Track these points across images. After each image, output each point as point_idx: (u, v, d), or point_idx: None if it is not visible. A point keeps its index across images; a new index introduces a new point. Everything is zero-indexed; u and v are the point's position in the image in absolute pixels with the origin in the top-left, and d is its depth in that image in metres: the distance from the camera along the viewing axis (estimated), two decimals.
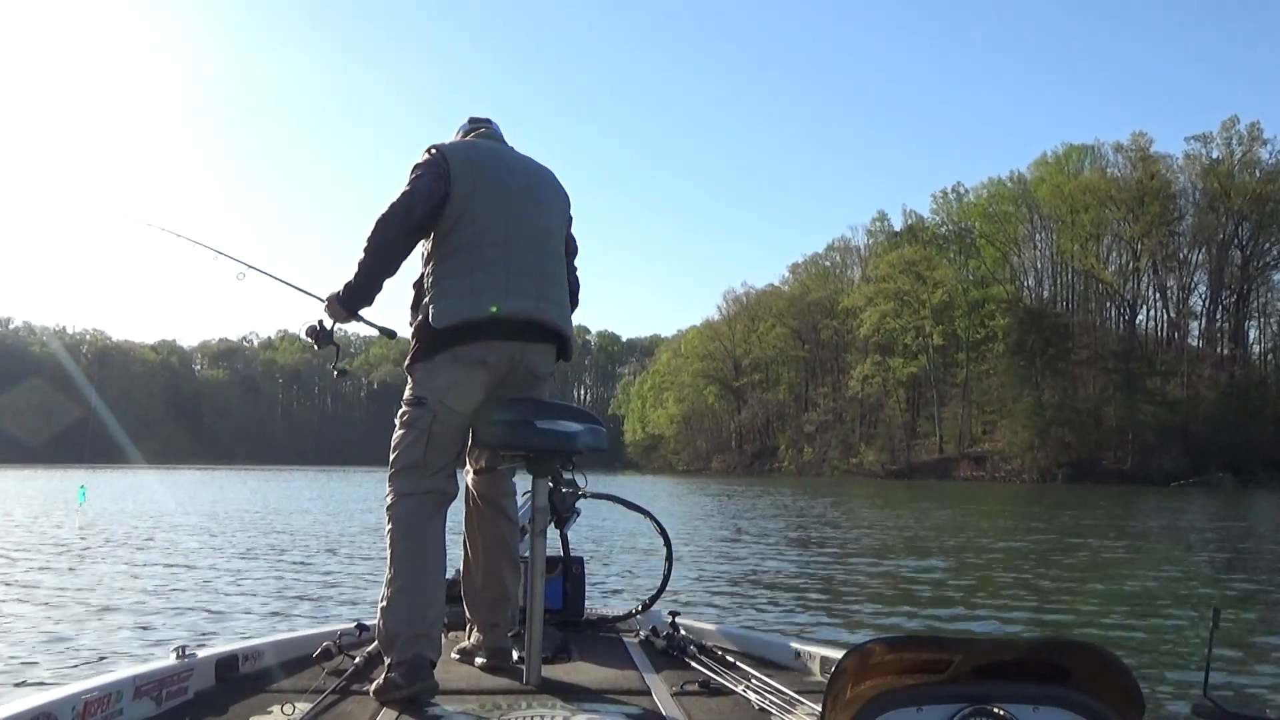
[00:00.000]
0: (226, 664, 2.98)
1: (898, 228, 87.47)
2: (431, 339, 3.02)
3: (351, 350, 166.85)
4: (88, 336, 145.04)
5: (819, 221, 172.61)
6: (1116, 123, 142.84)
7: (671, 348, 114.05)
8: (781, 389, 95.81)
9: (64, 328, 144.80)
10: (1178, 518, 24.21)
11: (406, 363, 3.11)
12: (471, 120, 3.42)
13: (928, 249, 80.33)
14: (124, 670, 2.68)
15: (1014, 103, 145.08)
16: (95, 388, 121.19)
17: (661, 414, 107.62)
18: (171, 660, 2.80)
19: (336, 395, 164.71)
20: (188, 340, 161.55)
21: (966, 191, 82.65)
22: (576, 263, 3.48)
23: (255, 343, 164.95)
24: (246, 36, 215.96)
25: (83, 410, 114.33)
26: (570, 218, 3.44)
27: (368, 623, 3.52)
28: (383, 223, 3.01)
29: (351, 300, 3.12)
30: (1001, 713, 1.55)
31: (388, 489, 3.04)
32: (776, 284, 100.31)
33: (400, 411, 3.08)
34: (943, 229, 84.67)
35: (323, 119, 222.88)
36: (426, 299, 3.05)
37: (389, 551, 2.99)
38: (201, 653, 2.94)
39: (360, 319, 3.23)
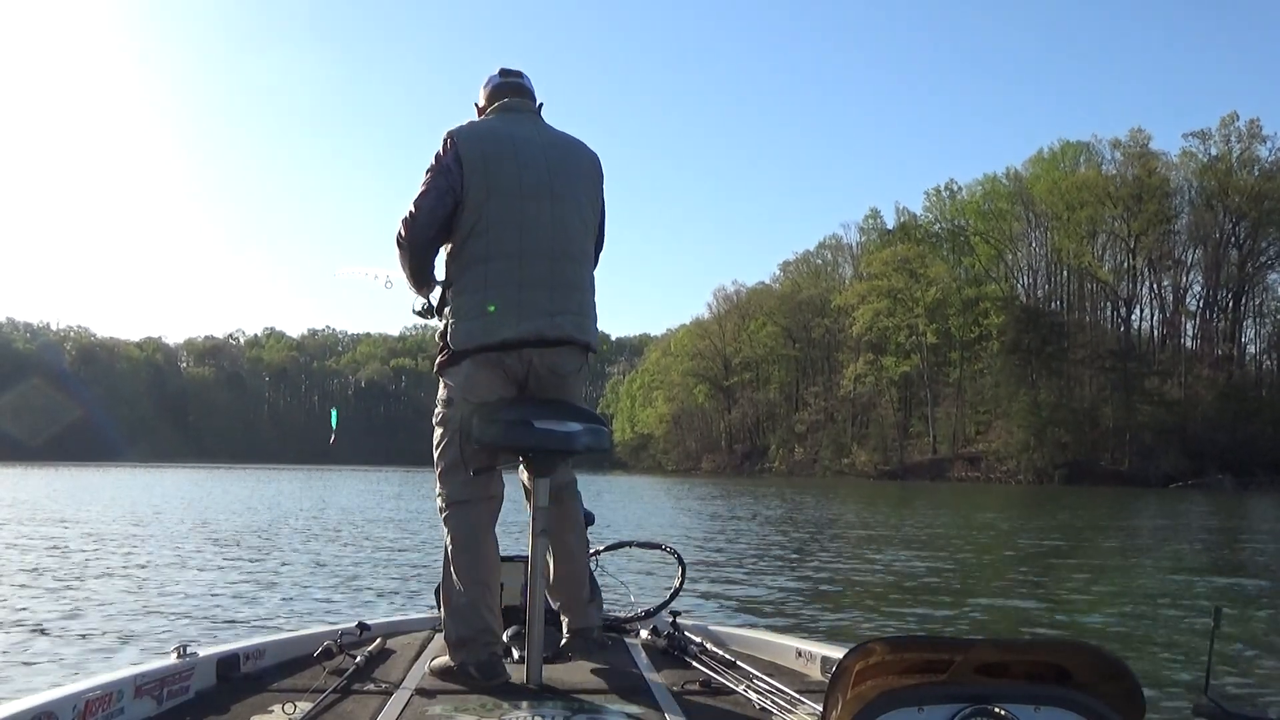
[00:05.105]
0: (228, 663, 2.97)
1: (890, 225, 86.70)
2: (453, 352, 3.12)
3: (340, 349, 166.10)
4: (72, 333, 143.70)
5: (810, 219, 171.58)
6: (1113, 120, 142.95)
7: (661, 346, 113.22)
8: (772, 388, 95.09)
9: (48, 324, 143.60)
10: (1177, 519, 24.37)
11: (435, 369, 3.22)
12: (503, 73, 3.34)
13: (921, 247, 79.60)
14: (125, 669, 2.66)
15: (1008, 101, 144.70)
16: (83, 385, 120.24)
17: (651, 413, 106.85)
18: (172, 659, 2.77)
19: (324, 394, 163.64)
20: (173, 337, 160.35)
21: (960, 189, 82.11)
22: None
23: (241, 340, 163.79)
24: (233, 39, 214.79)
25: (71, 408, 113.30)
26: (601, 201, 3.36)
27: (369, 622, 3.61)
28: (400, 243, 3.17)
29: (417, 289, 3.31)
30: (1002, 713, 1.56)
31: (438, 488, 3.16)
32: (767, 282, 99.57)
33: (435, 413, 3.21)
34: (936, 227, 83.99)
35: (310, 120, 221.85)
36: (448, 312, 3.15)
37: (449, 560, 3.10)
38: (202, 652, 2.91)
39: (436, 283, 3.31)
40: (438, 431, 3.18)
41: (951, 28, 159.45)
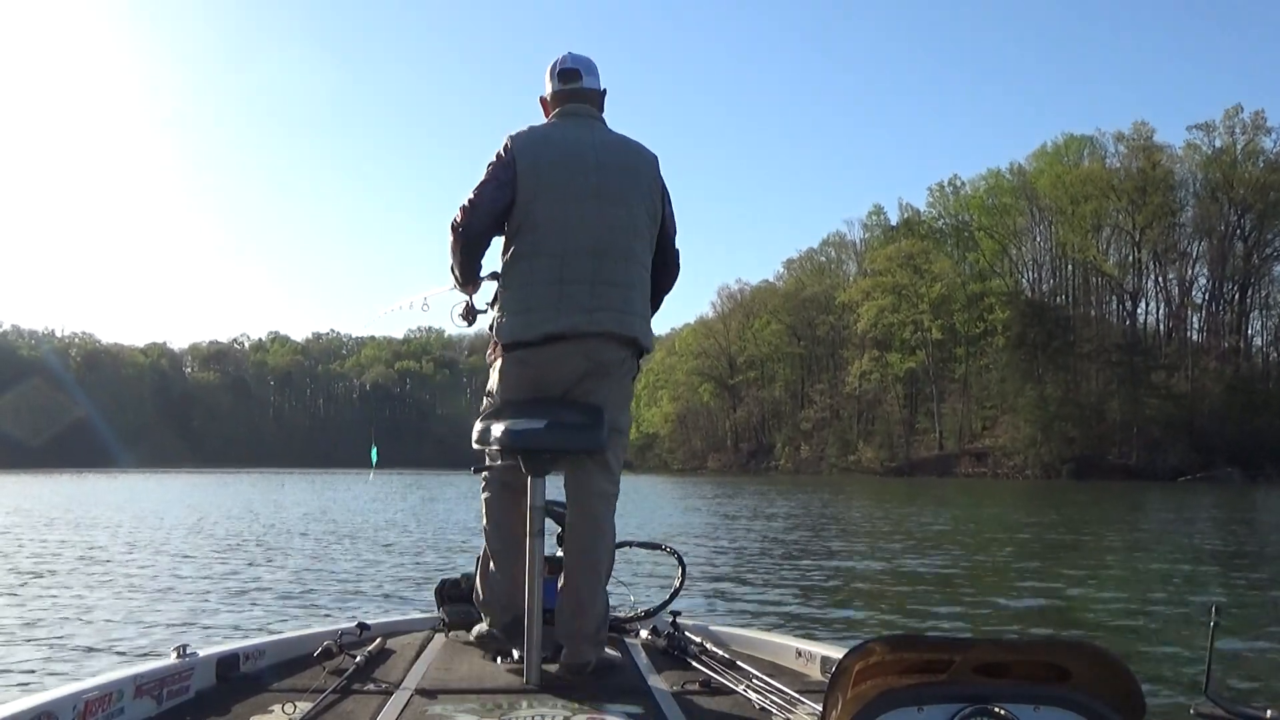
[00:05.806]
0: (227, 663, 2.98)
1: (894, 221, 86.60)
2: (497, 345, 3.25)
3: (344, 352, 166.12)
4: (76, 339, 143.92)
5: (814, 216, 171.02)
6: (1116, 114, 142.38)
7: (666, 345, 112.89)
8: (777, 386, 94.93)
9: (52, 331, 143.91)
10: (1184, 513, 24.28)
11: (487, 357, 3.38)
12: (561, 76, 3.35)
13: (925, 242, 79.44)
14: (125, 669, 2.67)
15: (1011, 95, 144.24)
16: (86, 391, 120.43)
17: (656, 413, 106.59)
18: (172, 659, 2.78)
19: (328, 397, 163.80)
20: (178, 343, 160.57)
21: (964, 184, 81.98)
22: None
23: (246, 345, 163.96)
24: (232, 45, 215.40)
25: (75, 414, 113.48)
26: (661, 202, 3.39)
27: (368, 622, 3.64)
28: (453, 235, 3.23)
29: (463, 284, 3.39)
30: (1002, 713, 1.57)
31: (482, 474, 3.34)
32: (771, 280, 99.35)
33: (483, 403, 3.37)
34: (940, 222, 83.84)
35: (309, 123, 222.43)
36: (496, 307, 3.27)
37: (484, 533, 3.36)
38: (202, 652, 2.93)
39: (481, 281, 3.39)
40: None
41: (953, 23, 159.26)
